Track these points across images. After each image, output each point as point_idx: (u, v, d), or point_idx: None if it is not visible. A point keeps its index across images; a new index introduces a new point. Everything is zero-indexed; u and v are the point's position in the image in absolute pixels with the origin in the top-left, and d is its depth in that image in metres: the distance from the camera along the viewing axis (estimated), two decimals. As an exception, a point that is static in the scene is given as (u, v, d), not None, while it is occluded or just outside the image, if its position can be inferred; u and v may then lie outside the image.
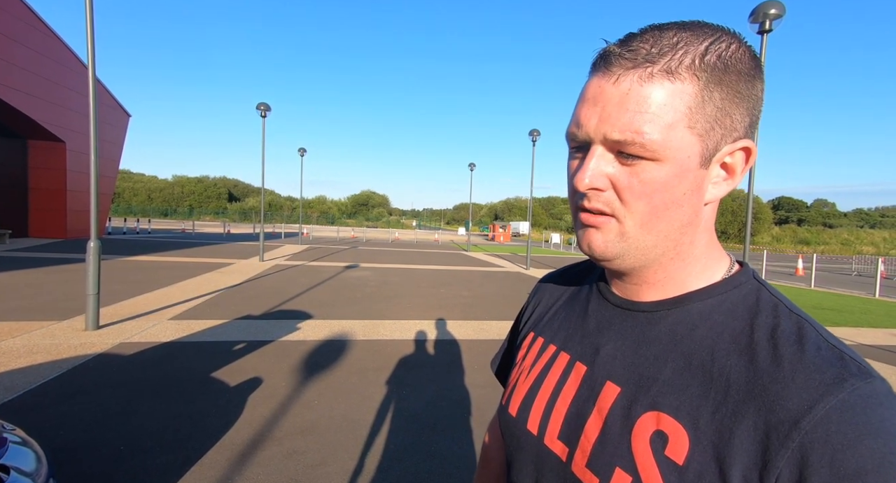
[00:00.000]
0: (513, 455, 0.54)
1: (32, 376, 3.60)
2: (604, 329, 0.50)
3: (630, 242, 0.43)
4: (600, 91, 0.42)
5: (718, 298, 0.44)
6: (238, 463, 2.52)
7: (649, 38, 0.41)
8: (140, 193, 64.89)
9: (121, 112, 19.68)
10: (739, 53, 0.41)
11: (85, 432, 2.73)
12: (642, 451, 0.40)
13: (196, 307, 6.46)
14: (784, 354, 0.38)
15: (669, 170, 0.41)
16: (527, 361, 0.57)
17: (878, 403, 0.34)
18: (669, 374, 0.42)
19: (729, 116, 0.41)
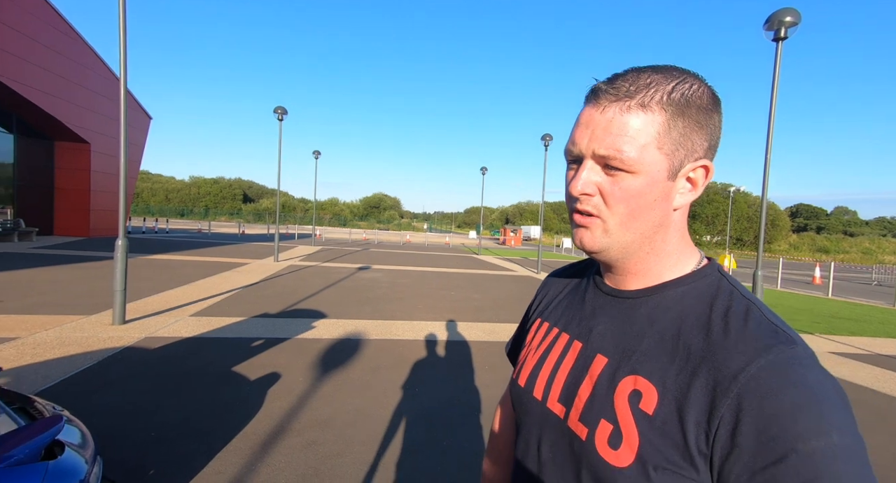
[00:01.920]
0: (521, 418, 0.66)
1: (66, 367, 3.80)
2: (597, 313, 0.62)
3: (613, 238, 0.55)
4: (591, 118, 0.54)
5: (688, 287, 0.56)
6: (260, 452, 2.66)
7: (629, 78, 0.53)
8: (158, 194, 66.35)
9: (142, 114, 20.26)
10: (700, 92, 0.53)
11: (118, 420, 2.89)
12: (622, 406, 0.51)
13: (215, 304, 6.67)
14: (731, 329, 0.49)
15: (643, 180, 0.52)
16: (534, 342, 0.69)
17: (798, 363, 0.45)
18: (646, 346, 0.53)
19: (690, 140, 0.53)
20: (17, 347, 4.21)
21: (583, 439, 0.53)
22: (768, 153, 6.72)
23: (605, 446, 0.51)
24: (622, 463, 0.49)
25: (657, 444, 0.48)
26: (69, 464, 1.59)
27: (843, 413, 0.44)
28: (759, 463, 0.42)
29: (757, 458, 0.42)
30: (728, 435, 0.44)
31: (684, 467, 0.46)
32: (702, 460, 0.46)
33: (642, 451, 0.48)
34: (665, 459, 0.47)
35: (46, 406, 1.96)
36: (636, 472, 0.48)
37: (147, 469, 2.40)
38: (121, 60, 5.38)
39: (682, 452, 0.46)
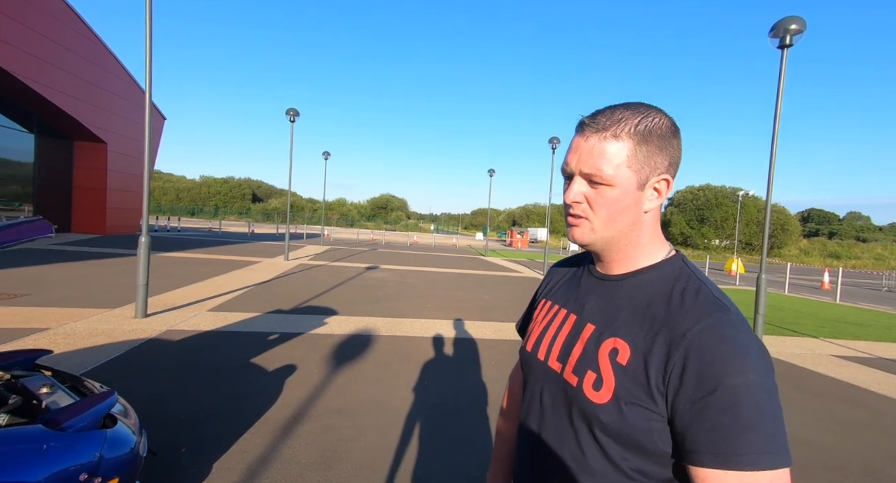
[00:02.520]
0: (527, 376, 0.85)
1: (96, 356, 4.04)
2: (589, 292, 0.80)
3: (597, 234, 0.73)
4: (578, 145, 0.73)
5: (658, 272, 0.74)
6: (281, 434, 2.85)
7: (606, 114, 0.71)
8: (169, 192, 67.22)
9: (157, 115, 20.71)
10: (660, 123, 0.71)
11: (149, 405, 3.11)
12: (604, 360, 0.69)
13: (230, 301, 6.90)
14: (686, 302, 0.67)
15: (618, 191, 0.70)
16: (539, 317, 0.89)
17: (729, 325, 0.63)
18: (624, 316, 0.72)
19: (653, 160, 0.71)
20: (50, 337, 4.46)
21: (574, 386, 0.71)
22: (773, 157, 6.82)
23: (591, 389, 0.69)
24: (602, 400, 0.67)
25: (628, 386, 0.65)
26: (122, 433, 1.80)
27: (760, 361, 0.61)
28: (697, 395, 0.60)
29: (696, 391, 0.60)
30: (678, 377, 0.62)
31: (647, 402, 0.64)
32: (659, 396, 0.63)
33: (617, 392, 0.66)
34: (634, 396, 0.64)
35: (94, 385, 2.16)
36: (612, 407, 0.66)
37: (179, 447, 2.61)
38: (146, 74, 5.63)
39: (646, 391, 0.64)
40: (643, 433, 0.64)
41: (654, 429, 0.63)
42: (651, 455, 0.65)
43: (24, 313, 5.28)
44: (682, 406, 0.61)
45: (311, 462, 2.57)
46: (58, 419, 1.62)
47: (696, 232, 51.89)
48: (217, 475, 2.37)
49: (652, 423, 0.63)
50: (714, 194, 52.53)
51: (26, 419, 1.67)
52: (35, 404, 1.84)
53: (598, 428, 0.67)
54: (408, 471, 2.57)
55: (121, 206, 18.40)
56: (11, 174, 15.59)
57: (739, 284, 16.44)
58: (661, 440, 0.64)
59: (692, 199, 53.54)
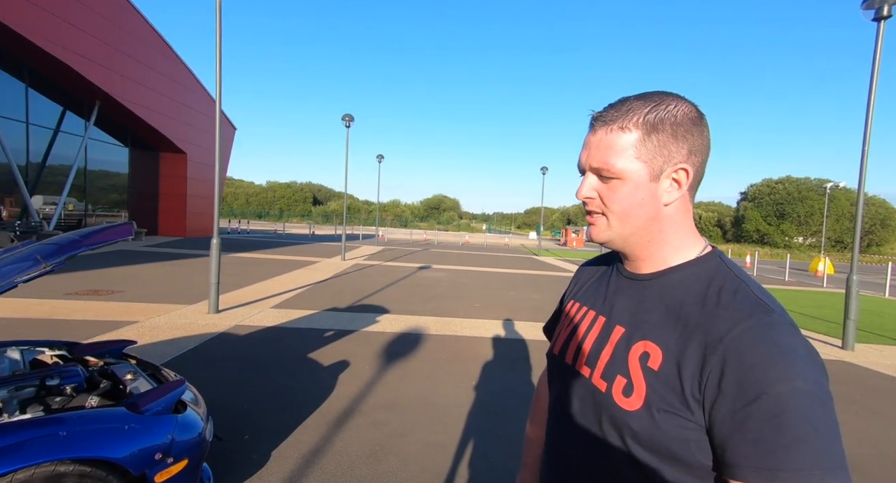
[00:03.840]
0: (555, 380, 0.81)
1: (176, 347, 4.46)
2: (617, 293, 0.76)
3: (614, 231, 0.69)
4: (588, 140, 0.70)
5: (691, 270, 0.68)
6: (334, 427, 2.98)
7: (616, 107, 0.68)
8: (240, 197, 72.81)
9: (229, 126, 22.49)
10: (675, 111, 0.65)
11: (218, 393, 3.38)
12: (634, 364, 0.65)
13: (291, 298, 7.33)
14: (722, 302, 0.62)
15: (629, 184, 0.66)
16: (566, 319, 0.85)
17: (772, 327, 0.57)
18: (655, 318, 0.67)
19: (666, 149, 0.65)
20: (138, 329, 5.00)
21: (602, 391, 0.67)
22: (866, 143, 6.05)
23: (620, 395, 0.64)
24: (632, 407, 0.63)
25: (660, 393, 0.61)
26: (191, 419, 1.97)
27: (809, 367, 0.54)
28: (738, 403, 0.54)
29: (736, 400, 0.55)
30: (716, 384, 0.56)
31: (681, 409, 0.59)
32: (695, 404, 0.58)
33: (649, 398, 0.61)
34: (667, 404, 0.60)
35: (170, 373, 2.39)
36: (644, 414, 0.61)
37: (242, 434, 2.81)
38: (217, 86, 6.14)
39: (680, 398, 0.59)
40: (678, 442, 0.59)
41: (690, 438, 0.58)
42: (687, 466, 0.59)
43: (119, 308, 5.96)
44: (721, 415, 0.55)
45: (360, 455, 2.66)
46: (137, 403, 1.81)
47: (775, 229, 47.31)
48: (274, 463, 2.53)
49: (688, 432, 0.58)
50: (796, 187, 47.59)
51: (112, 402, 1.89)
52: (121, 389, 2.07)
53: (629, 436, 0.63)
54: (454, 468, 2.58)
55: (199, 211, 20.20)
56: (111, 184, 17.68)
57: (827, 286, 14.74)
58: (699, 451, 0.58)
59: (769, 193, 48.90)
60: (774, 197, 48.30)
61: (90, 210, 16.62)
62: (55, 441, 1.50)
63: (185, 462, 1.82)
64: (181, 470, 1.80)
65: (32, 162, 13.94)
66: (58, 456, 1.47)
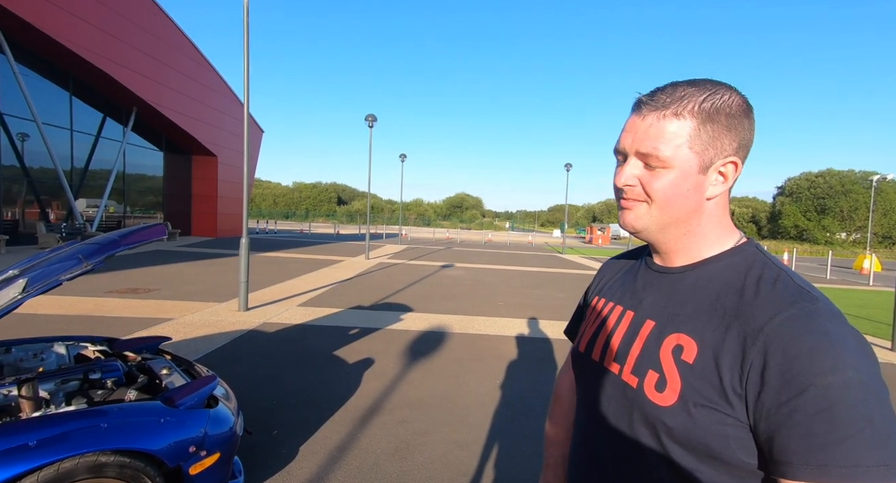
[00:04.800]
0: (582, 378, 0.78)
1: (208, 343, 4.62)
2: (647, 287, 0.73)
3: (652, 219, 0.66)
4: (634, 124, 0.66)
5: (726, 261, 0.65)
6: (360, 424, 3.02)
7: (667, 92, 0.64)
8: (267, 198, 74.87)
9: (256, 129, 23.12)
10: (730, 101, 0.62)
11: (248, 388, 3.48)
12: (666, 358, 0.62)
13: (317, 296, 7.48)
14: (761, 291, 0.59)
15: (677, 174, 0.63)
16: (592, 316, 0.82)
17: (816, 315, 0.54)
18: (689, 310, 0.64)
19: (719, 141, 0.62)
20: (173, 326, 5.21)
21: (634, 387, 0.65)
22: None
23: (653, 391, 0.62)
24: (667, 402, 0.60)
25: (696, 387, 0.58)
26: (223, 413, 2.03)
27: (859, 355, 0.51)
28: (783, 396, 0.51)
29: (781, 392, 0.51)
30: (758, 376, 0.53)
31: (721, 404, 0.56)
32: (736, 398, 0.55)
33: (684, 393, 0.58)
34: (704, 398, 0.57)
35: (202, 369, 2.47)
36: (679, 409, 0.58)
37: (272, 429, 2.88)
38: (245, 93, 6.31)
39: (719, 392, 0.56)
40: (717, 439, 0.56)
41: (729, 435, 0.55)
42: (727, 465, 0.56)
43: (154, 305, 6.22)
44: (766, 410, 0.52)
45: (386, 452, 2.68)
46: (172, 397, 1.88)
47: (815, 224, 45.02)
48: (303, 458, 2.58)
49: (727, 429, 0.55)
50: (839, 180, 45.11)
51: (149, 396, 1.97)
52: (157, 383, 2.16)
53: (663, 433, 0.60)
54: (479, 467, 2.57)
55: (229, 212, 20.87)
56: (148, 187, 18.48)
57: (874, 284, 13.93)
58: (741, 449, 0.55)
59: (809, 187, 46.56)
60: (815, 191, 45.94)
61: (129, 212, 17.43)
62: (98, 432, 1.57)
63: (217, 455, 1.88)
64: (214, 463, 1.86)
65: (76, 167, 14.72)
66: (100, 447, 1.54)
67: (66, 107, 14.11)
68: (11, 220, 12.84)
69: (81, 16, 12.12)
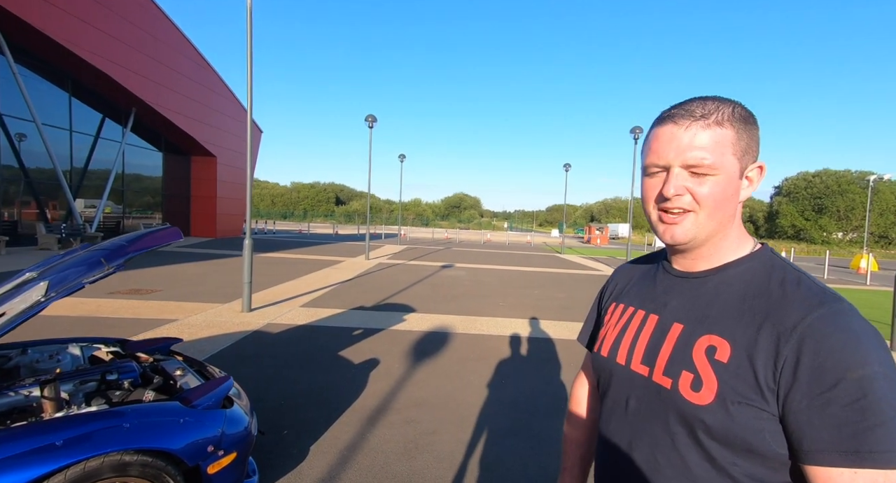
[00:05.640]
0: (607, 383, 0.81)
1: (213, 344, 4.65)
2: (669, 291, 0.77)
3: (701, 228, 0.69)
4: (673, 135, 0.68)
5: (747, 265, 0.70)
6: (368, 424, 3.06)
7: (698, 104, 0.69)
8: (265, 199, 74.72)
9: (255, 129, 23.10)
10: (747, 112, 0.69)
11: (256, 389, 3.51)
12: (700, 359, 0.66)
13: (320, 297, 7.50)
14: (788, 292, 0.64)
15: (723, 180, 0.67)
16: (612, 321, 0.85)
17: (844, 314, 0.59)
18: (716, 312, 0.68)
19: (751, 147, 0.68)
20: (177, 327, 5.23)
21: (668, 388, 0.68)
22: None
23: (689, 390, 0.65)
24: (704, 401, 0.63)
25: (732, 385, 0.62)
26: (238, 414, 2.06)
27: (880, 350, 0.57)
28: (816, 390, 0.56)
29: (814, 386, 0.56)
30: (791, 372, 0.58)
31: (756, 400, 0.60)
32: (770, 394, 0.60)
33: (721, 391, 0.62)
34: (740, 395, 0.61)
35: (215, 370, 2.50)
36: (718, 407, 0.62)
37: (281, 429, 2.92)
38: (248, 95, 6.33)
39: (754, 389, 0.60)
40: (754, 433, 0.60)
41: (765, 428, 0.60)
42: (762, 457, 0.61)
43: (158, 306, 6.24)
44: (798, 403, 0.57)
45: (395, 452, 2.72)
46: (189, 398, 1.91)
47: (812, 224, 45.29)
48: (314, 457, 2.61)
49: (762, 423, 0.60)
50: (835, 180, 45.40)
51: (166, 396, 2.00)
52: (171, 384, 2.19)
53: (701, 431, 0.64)
54: (487, 466, 2.61)
55: (228, 212, 20.86)
56: (146, 187, 18.44)
57: (871, 283, 14.04)
58: (774, 441, 0.60)
59: (806, 187, 46.85)
60: (811, 191, 46.23)
61: (127, 212, 17.40)
62: (121, 432, 1.60)
63: (234, 455, 1.91)
64: (231, 462, 1.89)
65: (76, 167, 14.69)
66: (124, 446, 1.57)
67: (65, 107, 14.08)
68: (10, 220, 12.81)
69: (81, 16, 12.11)
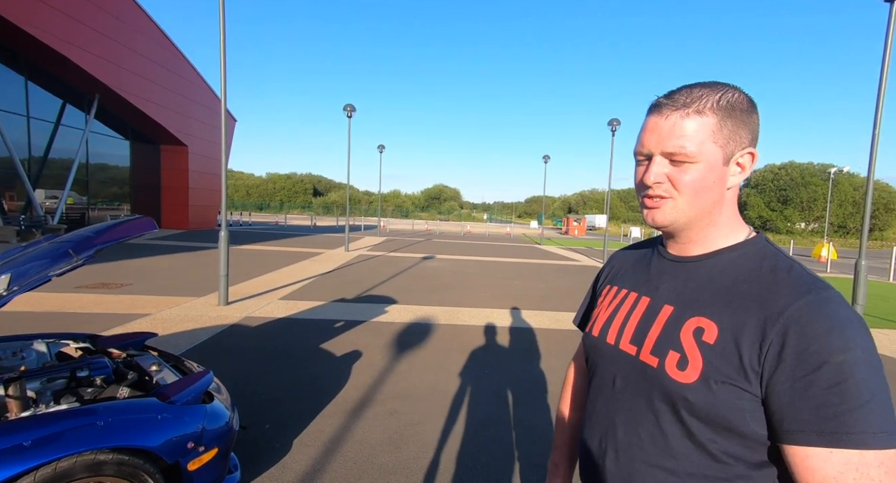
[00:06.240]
0: (596, 362, 0.83)
1: (189, 339, 4.52)
2: (662, 274, 0.78)
3: (680, 213, 0.71)
4: (656, 124, 0.70)
5: (740, 252, 0.71)
6: (351, 416, 3.04)
7: (684, 93, 0.69)
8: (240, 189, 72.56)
9: (229, 118, 22.32)
10: (740, 99, 0.69)
11: (236, 383, 3.43)
12: (687, 339, 0.67)
13: (299, 290, 7.38)
14: (778, 278, 0.65)
15: (703, 168, 0.68)
16: (605, 302, 0.87)
17: (832, 301, 0.61)
18: (706, 296, 0.69)
19: (738, 134, 0.68)
20: (150, 322, 5.06)
21: (654, 367, 0.70)
22: (877, 126, 6.02)
23: (675, 369, 0.67)
24: (689, 380, 0.65)
25: (717, 365, 0.63)
26: (218, 409, 2.01)
27: (863, 336, 0.58)
28: (799, 372, 0.58)
29: (797, 369, 0.58)
30: (776, 354, 0.60)
31: (739, 380, 0.62)
32: (753, 375, 0.61)
33: (706, 370, 0.64)
34: (724, 375, 0.63)
35: (192, 364, 2.43)
36: (701, 386, 0.64)
37: (263, 423, 2.87)
38: (222, 85, 6.09)
39: (738, 370, 0.62)
40: (735, 412, 0.62)
41: (745, 408, 0.62)
42: (742, 436, 0.63)
43: (129, 301, 6.01)
44: (781, 385, 0.59)
45: (380, 443, 2.72)
46: (167, 393, 1.85)
47: (778, 215, 47.24)
48: (297, 451, 2.58)
49: (744, 403, 0.62)
50: (800, 173, 47.37)
51: (141, 392, 1.93)
52: (147, 380, 2.11)
53: (684, 409, 0.66)
54: (471, 455, 2.64)
55: (201, 204, 20.20)
56: (112, 177, 17.64)
57: (831, 271, 14.78)
58: (754, 421, 0.62)
59: (773, 179, 48.70)
60: (778, 183, 48.11)
61: (93, 204, 16.63)
62: (94, 431, 1.53)
63: (215, 450, 1.87)
64: (212, 458, 1.85)
65: (34, 156, 13.90)
66: (98, 445, 1.51)
67: (20, 92, 13.25)
68: (-37, 212, 12.05)
69: (36, -6, 11.35)
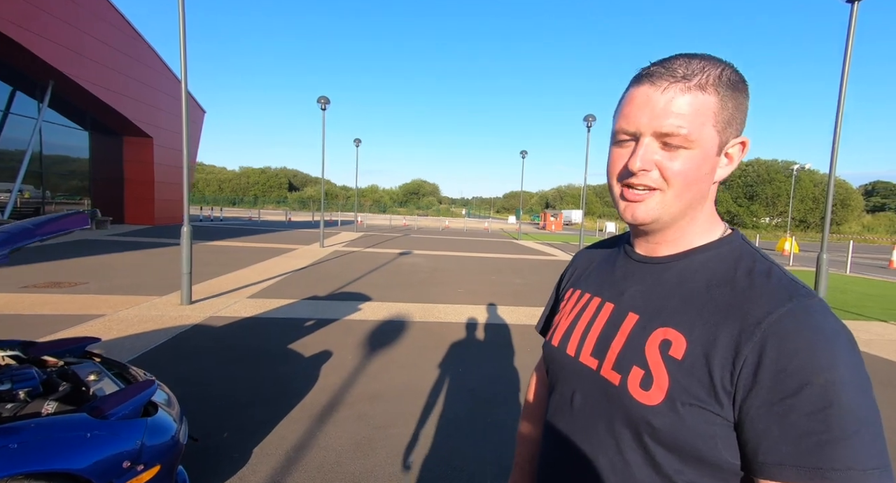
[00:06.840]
0: (556, 375, 0.72)
1: (147, 341, 4.25)
2: (628, 277, 0.67)
3: (666, 208, 0.59)
4: (648, 97, 0.57)
5: (715, 252, 0.61)
6: (318, 421, 2.89)
7: (682, 63, 0.57)
8: (212, 184, 70.21)
9: (198, 110, 21.45)
10: (738, 76, 0.57)
11: (195, 388, 3.23)
12: (653, 354, 0.57)
13: (269, 287, 7.11)
14: (756, 284, 0.55)
15: (699, 155, 0.57)
16: (567, 308, 0.76)
17: (814, 311, 0.51)
18: (675, 303, 0.59)
19: (735, 119, 0.58)
20: (105, 323, 4.74)
21: (615, 385, 0.59)
22: (838, 125, 6.20)
23: (637, 388, 0.57)
24: (653, 401, 0.55)
25: (685, 384, 0.53)
26: (163, 421, 1.83)
27: (851, 353, 0.50)
28: (776, 396, 0.48)
29: (775, 391, 0.48)
30: (751, 373, 0.50)
31: (710, 403, 0.52)
32: (725, 397, 0.51)
33: (672, 391, 0.54)
34: (692, 396, 0.53)
35: (138, 372, 2.23)
36: (666, 408, 0.54)
37: (222, 431, 2.69)
38: (182, 67, 5.75)
39: (708, 390, 0.52)
40: (704, 440, 0.52)
41: (717, 435, 0.52)
42: (712, 466, 0.53)
43: (82, 301, 5.64)
44: (756, 409, 0.49)
45: (347, 449, 2.58)
46: (101, 407, 1.66)
47: (745, 210, 49.06)
48: (256, 460, 2.42)
49: (715, 429, 0.52)
50: (765, 169, 49.27)
51: (73, 406, 1.73)
52: (83, 391, 1.91)
53: (647, 434, 0.56)
54: (444, 460, 2.53)
55: (167, 198, 19.35)
56: (71, 170, 16.68)
57: (794, 264, 15.38)
58: (727, 449, 0.52)
59: (740, 175, 50.44)
60: (745, 179, 49.86)
61: (49, 197, 15.69)
62: (5, 454, 1.35)
63: (157, 468, 1.70)
64: (153, 477, 1.68)
65: (-20, 146, 12.98)
66: (10, 471, 1.32)
67: (-36, 77, 12.32)
68: None
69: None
